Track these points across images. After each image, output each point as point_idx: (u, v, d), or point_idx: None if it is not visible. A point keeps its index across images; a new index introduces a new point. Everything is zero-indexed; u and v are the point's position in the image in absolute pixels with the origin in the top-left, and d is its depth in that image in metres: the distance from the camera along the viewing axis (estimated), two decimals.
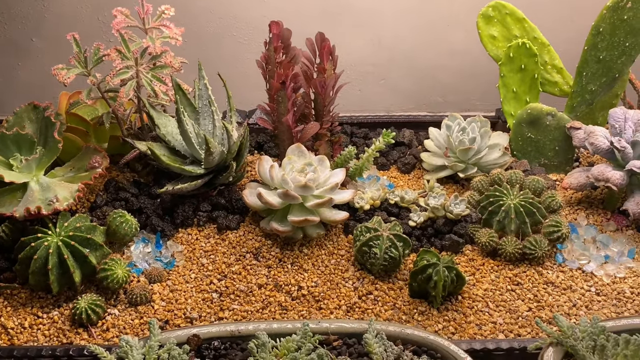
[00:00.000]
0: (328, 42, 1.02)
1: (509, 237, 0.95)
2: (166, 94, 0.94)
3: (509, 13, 1.12)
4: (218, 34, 1.30)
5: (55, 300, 0.88)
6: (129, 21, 0.92)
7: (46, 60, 1.32)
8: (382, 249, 0.89)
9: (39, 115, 0.99)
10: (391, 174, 1.15)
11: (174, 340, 0.67)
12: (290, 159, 0.98)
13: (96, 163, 0.97)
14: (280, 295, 0.89)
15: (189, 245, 0.97)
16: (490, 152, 1.09)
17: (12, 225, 0.92)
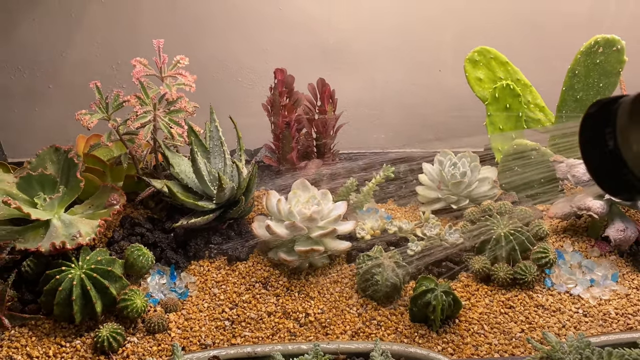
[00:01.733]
0: (328, 86, 1.12)
1: (500, 263, 1.02)
2: (181, 135, 1.02)
3: (493, 57, 1.21)
4: (224, 80, 1.39)
5: (77, 330, 0.93)
6: (147, 70, 1.00)
7: (61, 105, 1.40)
8: (384, 276, 0.95)
9: (60, 157, 1.07)
10: (388, 206, 1.23)
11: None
12: (295, 193, 1.06)
13: (114, 200, 1.04)
14: (289, 322, 0.95)
15: (201, 277, 1.03)
16: (481, 185, 1.17)
17: (36, 259, 0.98)
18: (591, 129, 0.58)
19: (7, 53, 1.32)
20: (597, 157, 0.58)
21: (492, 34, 1.34)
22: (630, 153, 0.54)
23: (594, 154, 0.58)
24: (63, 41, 1.32)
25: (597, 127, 0.57)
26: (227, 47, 1.35)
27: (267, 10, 1.32)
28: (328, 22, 1.33)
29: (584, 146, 0.59)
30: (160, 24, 1.31)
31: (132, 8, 1.29)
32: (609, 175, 0.57)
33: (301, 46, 1.36)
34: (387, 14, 1.34)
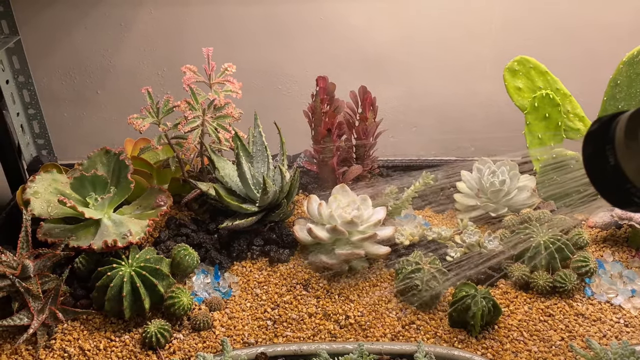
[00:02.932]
0: (370, 93, 1.14)
1: (540, 271, 1.03)
2: (228, 140, 1.05)
3: (533, 67, 1.22)
4: (264, 87, 1.42)
5: (126, 325, 0.97)
6: (196, 77, 1.04)
7: (107, 110, 1.46)
8: (424, 281, 0.97)
9: (110, 159, 1.11)
10: (426, 213, 1.24)
11: (245, 357, 0.75)
12: (336, 198, 1.08)
13: (162, 202, 1.08)
14: (329, 323, 0.97)
15: (243, 277, 1.06)
16: (520, 193, 1.17)
17: (88, 257, 1.02)
18: (593, 145, 0.60)
19: (60, 59, 1.38)
20: (600, 173, 0.60)
21: (531, 45, 1.35)
22: (630, 168, 0.56)
23: (598, 170, 0.60)
24: (112, 49, 1.37)
25: (598, 144, 0.59)
26: (269, 56, 1.39)
27: (309, 20, 1.35)
28: (368, 32, 1.36)
29: (588, 162, 0.61)
30: (204, 34, 1.35)
31: (178, 18, 1.33)
32: (614, 190, 0.59)
33: (341, 55, 1.39)
34: (427, 24, 1.36)
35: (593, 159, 0.60)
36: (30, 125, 1.33)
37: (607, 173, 0.58)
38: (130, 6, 1.32)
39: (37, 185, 1.08)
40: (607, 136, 0.58)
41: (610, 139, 0.58)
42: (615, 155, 0.57)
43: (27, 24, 1.28)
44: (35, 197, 1.05)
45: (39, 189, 1.07)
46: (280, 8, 1.33)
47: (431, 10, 1.35)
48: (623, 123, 0.57)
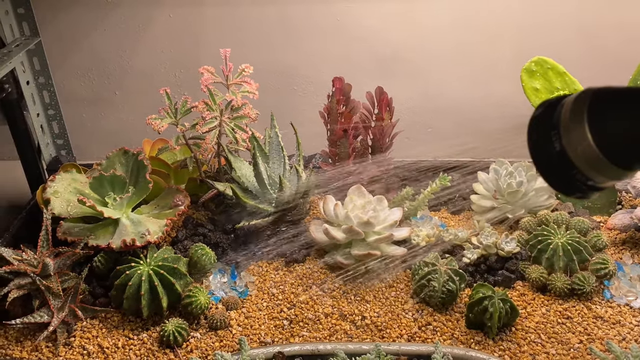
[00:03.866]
0: (386, 94, 1.14)
1: (557, 273, 1.02)
2: (245, 140, 1.06)
3: (551, 67, 1.21)
4: (280, 88, 1.43)
5: (144, 324, 0.97)
6: (214, 78, 1.05)
7: (125, 111, 1.47)
8: (441, 282, 0.97)
9: (128, 159, 1.13)
10: (442, 214, 1.24)
11: (263, 356, 0.75)
12: (351, 199, 1.08)
13: (179, 201, 1.09)
14: (346, 324, 0.97)
15: (260, 277, 1.06)
16: (537, 195, 1.16)
17: (107, 255, 1.03)
18: (538, 131, 0.58)
19: (80, 61, 1.40)
20: (545, 159, 0.58)
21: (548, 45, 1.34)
22: (575, 154, 0.55)
23: (543, 156, 0.58)
24: (130, 50, 1.39)
25: (543, 129, 0.57)
26: (285, 57, 1.40)
27: (325, 22, 1.35)
28: (384, 33, 1.36)
29: (533, 148, 0.59)
30: (221, 36, 1.36)
31: (195, 20, 1.35)
32: (560, 177, 0.57)
33: (357, 56, 1.39)
34: (443, 25, 1.35)
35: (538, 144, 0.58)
36: (49, 125, 1.35)
37: (552, 159, 0.56)
38: (148, 8, 1.34)
39: (57, 185, 1.09)
40: (552, 121, 0.56)
41: (556, 124, 0.56)
42: (560, 140, 0.55)
43: (47, 26, 1.30)
44: (55, 196, 1.07)
45: (58, 189, 1.09)
46: (296, 10, 1.34)
47: (447, 11, 1.35)
48: (568, 107, 0.55)
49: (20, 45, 1.20)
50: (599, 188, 0.57)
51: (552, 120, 0.56)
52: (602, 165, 0.53)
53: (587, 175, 0.55)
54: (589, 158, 0.54)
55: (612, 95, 0.54)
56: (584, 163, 0.54)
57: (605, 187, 0.57)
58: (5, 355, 0.93)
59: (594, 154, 0.53)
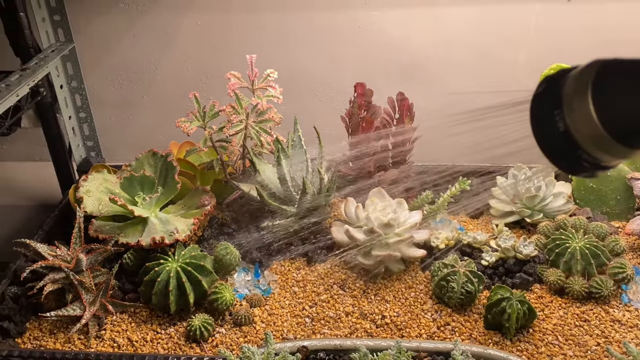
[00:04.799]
0: (407, 100, 1.17)
1: (575, 277, 1.03)
2: (269, 143, 1.09)
3: None
4: (302, 93, 1.46)
5: (171, 319, 1.01)
6: (241, 83, 1.09)
7: (152, 114, 1.52)
8: (459, 283, 0.99)
9: (157, 161, 1.17)
10: (460, 218, 1.26)
11: (287, 350, 0.78)
12: (372, 201, 1.11)
13: (206, 202, 1.13)
14: (366, 322, 0.99)
15: (282, 275, 1.10)
16: (555, 199, 1.18)
17: (136, 253, 1.07)
18: (540, 110, 0.55)
19: (110, 66, 1.45)
20: (549, 140, 0.55)
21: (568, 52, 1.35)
22: (580, 134, 0.52)
23: (546, 137, 0.55)
24: (158, 55, 1.44)
25: (546, 108, 0.54)
26: (307, 63, 1.43)
27: (347, 28, 1.39)
28: (405, 39, 1.39)
29: (536, 128, 0.56)
30: (246, 42, 1.40)
31: (222, 27, 1.39)
32: (565, 157, 0.54)
33: (378, 62, 1.42)
34: (463, 32, 1.38)
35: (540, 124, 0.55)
36: (80, 128, 1.40)
37: (556, 139, 0.53)
38: (177, 15, 1.38)
39: (89, 184, 1.14)
40: (555, 99, 0.52)
41: (559, 102, 0.52)
42: (564, 120, 0.52)
43: (81, 33, 1.36)
44: (88, 195, 1.11)
45: (90, 188, 1.13)
46: (319, 17, 1.38)
47: (467, 18, 1.37)
48: (572, 82, 0.52)
49: (55, 51, 1.25)
50: (606, 167, 0.54)
51: (555, 97, 0.53)
52: (607, 143, 0.50)
53: (593, 155, 0.52)
54: (593, 137, 0.51)
55: (619, 67, 0.50)
56: (589, 142, 0.51)
57: (613, 166, 0.54)
58: (39, 346, 0.97)
59: (599, 132, 0.50)
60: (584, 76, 0.51)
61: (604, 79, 0.50)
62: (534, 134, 0.56)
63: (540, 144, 0.56)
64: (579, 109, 0.51)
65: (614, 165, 0.54)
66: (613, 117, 0.50)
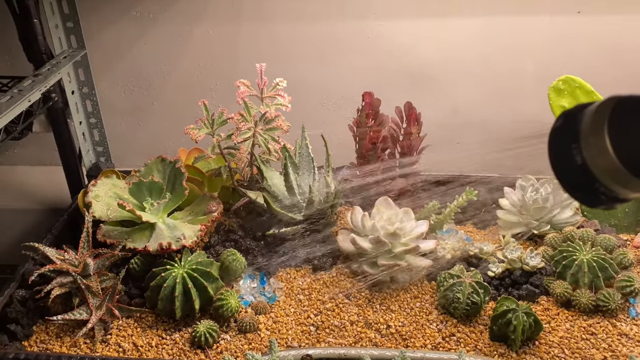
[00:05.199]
0: (415, 109, 1.17)
1: (582, 289, 1.03)
2: (277, 151, 1.10)
3: (578, 86, 1.22)
4: (310, 101, 1.47)
5: (176, 325, 1.02)
6: (250, 91, 1.10)
7: (162, 121, 1.53)
8: (465, 294, 0.98)
9: (165, 167, 1.18)
10: (467, 228, 1.26)
11: (291, 358, 0.78)
12: (379, 210, 1.11)
13: (213, 208, 1.13)
14: (371, 332, 0.99)
15: (287, 283, 1.10)
16: (563, 211, 1.17)
17: (143, 258, 1.08)
18: (558, 143, 0.57)
19: (121, 72, 1.47)
20: (567, 173, 0.57)
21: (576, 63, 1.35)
22: (597, 167, 0.53)
23: (564, 170, 0.57)
24: (169, 63, 1.45)
25: (564, 142, 0.56)
26: (316, 72, 1.44)
27: (355, 38, 1.39)
28: (414, 49, 1.39)
29: (554, 161, 0.58)
30: (256, 51, 1.42)
31: (232, 36, 1.40)
32: (582, 190, 0.56)
33: (386, 72, 1.42)
34: (472, 43, 1.38)
35: (559, 157, 0.57)
36: (91, 133, 1.42)
37: (574, 172, 0.55)
38: (188, 23, 1.40)
39: (98, 189, 1.15)
40: (572, 133, 0.54)
41: (576, 136, 0.54)
42: (581, 154, 0.54)
43: (93, 39, 1.38)
44: (97, 200, 1.13)
45: (99, 193, 1.14)
46: (329, 26, 1.39)
47: (476, 28, 1.37)
48: (589, 117, 0.54)
49: (67, 57, 1.27)
50: (624, 200, 0.55)
51: (572, 131, 0.55)
52: (624, 177, 0.52)
53: (610, 188, 0.54)
54: (610, 171, 0.53)
55: (635, 104, 0.51)
56: (606, 176, 0.53)
57: (630, 199, 0.56)
58: (45, 350, 0.98)
59: (615, 166, 0.52)
60: (600, 112, 0.53)
61: (620, 115, 0.52)
62: (552, 167, 0.58)
63: (558, 177, 0.58)
64: (595, 144, 0.53)
65: (631, 198, 0.56)
66: (629, 152, 0.51)
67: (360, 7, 1.36)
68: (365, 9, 1.36)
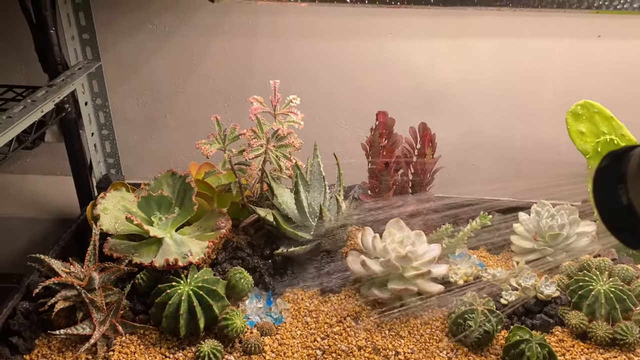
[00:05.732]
0: (429, 130, 1.15)
1: (599, 321, 0.99)
2: (288, 168, 1.09)
3: (597, 111, 1.20)
4: (322, 120, 1.46)
5: (180, 343, 0.99)
6: (262, 107, 1.09)
7: (174, 134, 1.53)
8: (477, 322, 0.96)
9: (175, 181, 1.16)
10: (480, 253, 1.23)
11: None
12: (390, 232, 1.09)
13: (221, 224, 1.12)
14: (379, 358, 0.96)
15: (295, 304, 1.07)
16: (579, 239, 1.14)
17: (149, 273, 1.06)
18: (603, 184, 0.57)
19: (135, 85, 1.47)
20: (612, 213, 0.57)
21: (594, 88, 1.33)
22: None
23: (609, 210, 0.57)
24: (183, 77, 1.45)
25: (609, 182, 0.56)
26: (330, 89, 1.43)
27: (371, 57, 1.39)
28: (430, 70, 1.38)
29: (598, 201, 0.58)
30: (271, 67, 1.41)
31: (247, 52, 1.40)
32: (627, 230, 0.56)
33: (401, 92, 1.41)
34: (489, 64, 1.37)
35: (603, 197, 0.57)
36: (102, 144, 1.41)
37: (618, 213, 0.55)
38: (204, 38, 1.40)
39: (107, 202, 1.14)
40: (618, 174, 0.55)
41: (622, 176, 0.55)
42: (627, 194, 0.54)
43: (108, 51, 1.38)
44: (105, 213, 1.11)
45: (108, 206, 1.13)
46: (345, 45, 1.38)
47: (493, 50, 1.36)
48: (636, 159, 0.54)
49: (82, 69, 1.27)
50: None
51: (618, 172, 0.55)
52: None
53: None
54: None
55: None
56: None
57: None
58: None
59: None
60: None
61: None
62: (596, 206, 0.59)
63: (602, 216, 0.58)
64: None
65: None
66: None
67: (377, 26, 1.35)
68: (382, 28, 1.35)
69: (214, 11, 1.36)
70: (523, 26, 1.33)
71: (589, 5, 1.15)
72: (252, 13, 1.36)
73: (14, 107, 1.08)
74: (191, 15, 1.38)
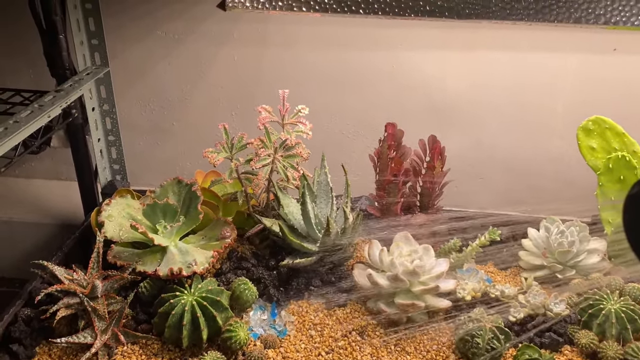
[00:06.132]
0: (439, 143, 1.14)
1: (609, 341, 0.97)
2: (295, 179, 1.08)
3: (609, 127, 1.19)
4: (330, 130, 1.45)
5: (182, 354, 0.98)
6: (271, 117, 1.08)
7: (180, 142, 1.52)
8: (485, 339, 0.94)
9: (181, 189, 1.15)
10: (488, 268, 1.21)
11: None
12: (398, 245, 1.07)
13: (227, 234, 1.10)
14: None
15: (299, 317, 1.06)
16: (589, 256, 1.13)
17: (152, 282, 1.05)
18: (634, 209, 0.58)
19: (142, 91, 1.46)
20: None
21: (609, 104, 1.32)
22: None
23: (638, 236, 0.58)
24: (191, 84, 1.45)
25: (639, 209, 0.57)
26: (339, 100, 1.42)
27: (380, 68, 1.38)
28: (440, 81, 1.37)
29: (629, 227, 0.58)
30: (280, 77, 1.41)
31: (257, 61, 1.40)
32: None
33: (410, 103, 1.40)
34: (499, 77, 1.36)
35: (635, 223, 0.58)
36: (108, 150, 1.41)
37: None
38: (213, 46, 1.39)
39: (111, 209, 1.13)
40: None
41: None
42: None
43: (117, 57, 1.38)
44: (109, 220, 1.10)
45: (113, 213, 1.12)
46: (355, 55, 1.37)
47: (504, 63, 1.35)
48: None
49: (90, 74, 1.27)
50: None
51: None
52: None
53: None
54: None
55: None
56: None
57: None
58: None
59: None
60: None
61: None
62: (626, 231, 0.59)
63: (631, 241, 0.59)
64: None
65: None
66: None
67: (387, 37, 1.35)
68: (393, 39, 1.35)
69: (223, 19, 1.36)
70: (536, 39, 1.32)
71: (606, 21, 1.14)
72: (261, 21, 1.36)
73: (21, 112, 1.08)
74: (200, 22, 1.37)
